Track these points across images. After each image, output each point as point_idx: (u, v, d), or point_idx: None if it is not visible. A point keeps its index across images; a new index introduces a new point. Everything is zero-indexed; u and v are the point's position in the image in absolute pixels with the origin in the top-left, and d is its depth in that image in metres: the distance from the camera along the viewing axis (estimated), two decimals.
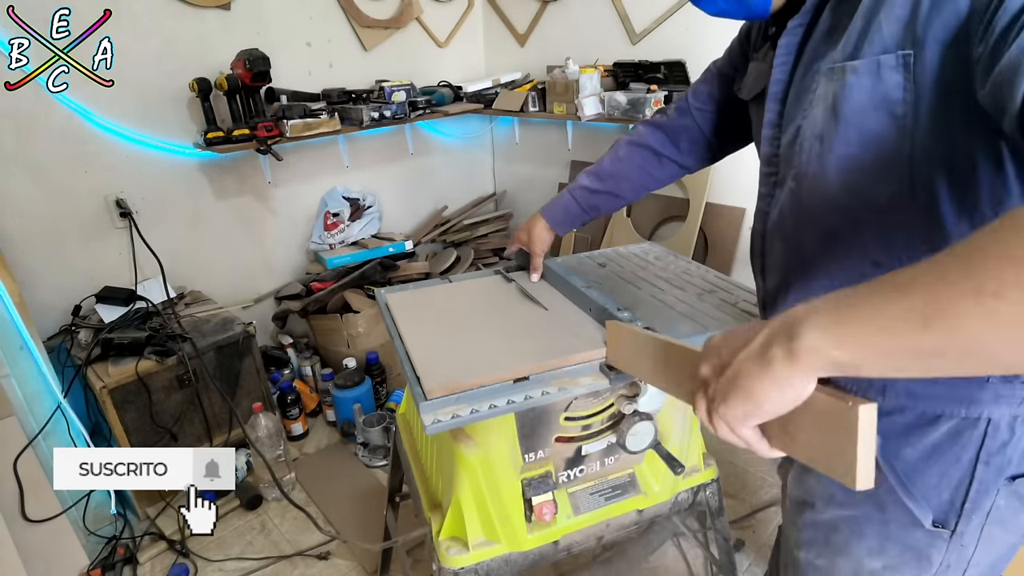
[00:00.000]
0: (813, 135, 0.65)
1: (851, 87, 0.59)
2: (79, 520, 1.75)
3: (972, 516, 0.66)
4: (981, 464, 0.64)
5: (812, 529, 0.78)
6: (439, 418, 0.78)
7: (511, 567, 0.97)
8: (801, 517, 0.80)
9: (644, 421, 0.90)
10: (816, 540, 0.78)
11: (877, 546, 0.72)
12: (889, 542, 0.71)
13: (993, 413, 0.63)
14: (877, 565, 0.73)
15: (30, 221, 1.92)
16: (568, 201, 1.11)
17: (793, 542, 0.83)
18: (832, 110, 0.61)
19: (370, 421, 2.11)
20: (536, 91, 2.49)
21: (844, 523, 0.74)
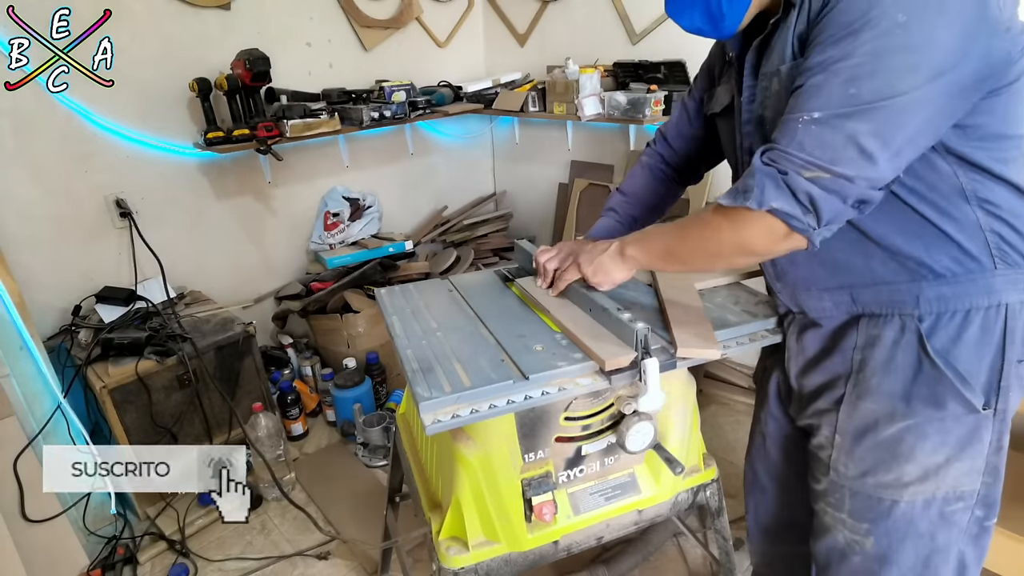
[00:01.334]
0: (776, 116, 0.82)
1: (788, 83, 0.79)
2: (79, 520, 1.74)
3: (1009, 393, 0.82)
4: (1008, 345, 0.81)
5: (876, 450, 0.89)
6: (439, 418, 0.78)
7: (511, 567, 0.97)
8: (858, 444, 0.90)
9: (644, 421, 0.90)
10: (883, 458, 0.88)
11: (939, 441, 0.84)
12: (949, 435, 0.84)
13: (1008, 298, 0.80)
14: (940, 459, 0.85)
15: (30, 221, 1.92)
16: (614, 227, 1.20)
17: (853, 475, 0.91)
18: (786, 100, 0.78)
19: (370, 421, 2.11)
20: (536, 91, 2.49)
21: (907, 432, 0.86)
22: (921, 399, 0.84)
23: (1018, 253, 0.80)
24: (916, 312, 0.83)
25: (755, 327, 0.99)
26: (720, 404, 2.36)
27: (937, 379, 0.82)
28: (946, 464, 0.85)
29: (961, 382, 0.81)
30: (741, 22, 0.83)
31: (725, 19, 0.82)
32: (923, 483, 0.87)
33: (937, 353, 0.81)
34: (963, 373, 0.81)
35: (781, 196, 0.73)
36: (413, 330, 1.02)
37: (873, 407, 0.88)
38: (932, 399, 0.83)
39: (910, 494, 0.88)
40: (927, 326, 0.82)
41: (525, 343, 0.93)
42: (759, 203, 0.73)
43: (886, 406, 0.87)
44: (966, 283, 0.80)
